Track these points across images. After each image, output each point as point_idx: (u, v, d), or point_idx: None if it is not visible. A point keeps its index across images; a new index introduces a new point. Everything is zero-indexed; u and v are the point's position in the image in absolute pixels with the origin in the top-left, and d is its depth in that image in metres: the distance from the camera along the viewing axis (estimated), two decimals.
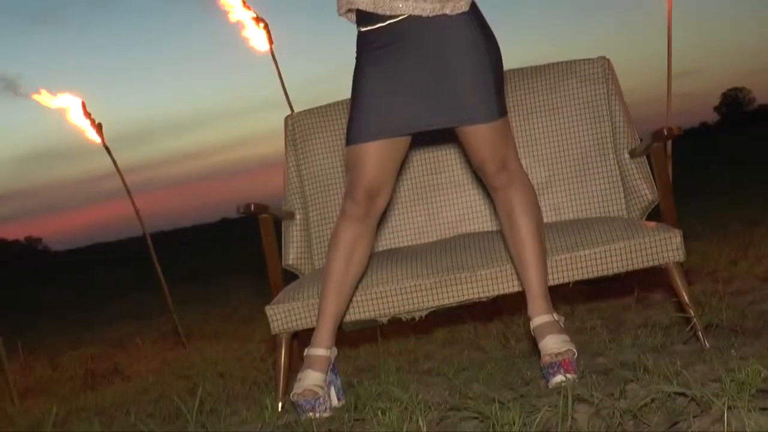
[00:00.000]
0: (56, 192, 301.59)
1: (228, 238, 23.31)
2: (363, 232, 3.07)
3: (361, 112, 2.97)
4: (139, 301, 10.52)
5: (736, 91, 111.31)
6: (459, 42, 2.89)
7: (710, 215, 8.13)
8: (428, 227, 3.89)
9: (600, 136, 3.80)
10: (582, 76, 3.86)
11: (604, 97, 3.83)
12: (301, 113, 4.10)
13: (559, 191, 3.81)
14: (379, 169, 2.98)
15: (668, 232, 3.22)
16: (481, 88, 2.89)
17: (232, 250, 18.51)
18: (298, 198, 4.04)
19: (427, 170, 3.90)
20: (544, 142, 3.84)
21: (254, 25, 5.25)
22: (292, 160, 4.05)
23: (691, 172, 14.28)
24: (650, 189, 3.72)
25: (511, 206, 3.02)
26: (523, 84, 3.88)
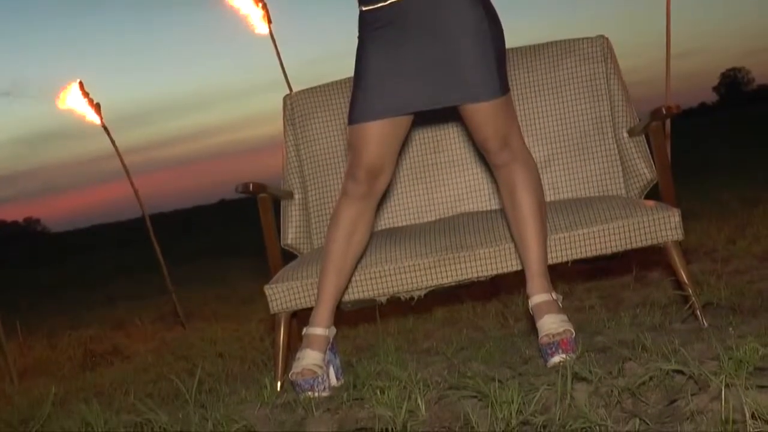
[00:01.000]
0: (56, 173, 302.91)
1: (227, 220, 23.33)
2: (364, 211, 3.06)
3: (364, 92, 2.96)
4: (138, 282, 10.53)
5: (735, 72, 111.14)
6: (461, 19, 2.88)
7: (709, 194, 8.13)
8: (427, 206, 3.89)
9: (599, 115, 3.80)
10: (581, 54, 3.85)
11: (602, 76, 3.82)
12: (300, 92, 4.09)
13: (558, 170, 3.80)
14: (381, 149, 2.97)
15: (667, 211, 3.22)
16: (483, 65, 2.88)
17: (231, 231, 18.52)
18: (296, 177, 4.03)
19: (426, 149, 3.90)
20: (542, 121, 3.83)
21: (253, 5, 5.24)
22: (290, 140, 4.04)
23: (690, 152, 14.27)
24: (649, 168, 3.72)
25: (514, 184, 3.02)
26: (522, 63, 3.87)
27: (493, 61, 2.90)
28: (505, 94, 2.95)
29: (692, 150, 15.07)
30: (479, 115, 2.93)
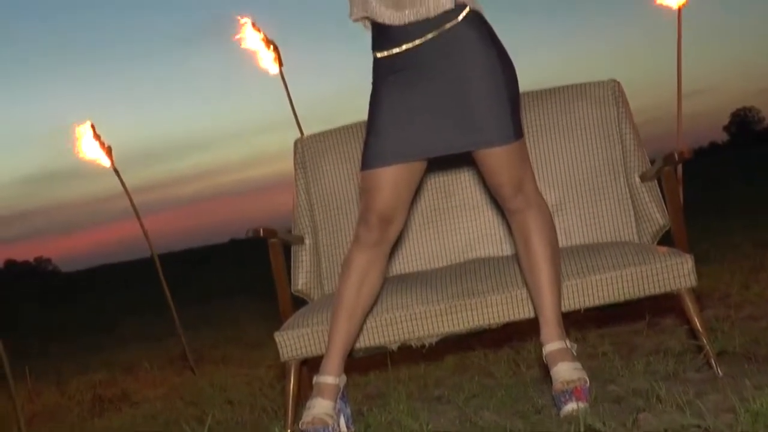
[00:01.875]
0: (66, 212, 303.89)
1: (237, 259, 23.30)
2: (376, 258, 3.04)
3: (377, 137, 2.95)
4: (148, 323, 10.50)
5: (746, 111, 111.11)
6: (475, 65, 2.87)
7: (721, 237, 8.08)
8: (439, 252, 3.86)
9: (611, 159, 3.78)
10: (593, 98, 3.84)
11: (614, 120, 3.80)
12: (311, 137, 4.08)
13: (570, 214, 3.78)
14: (394, 195, 2.96)
15: (680, 257, 3.20)
16: (497, 110, 2.87)
17: (241, 271, 18.50)
18: (307, 222, 4.02)
19: (437, 194, 3.88)
20: (554, 165, 3.82)
21: (264, 47, 5.25)
22: (301, 184, 4.03)
23: (702, 193, 14.23)
24: (661, 213, 3.69)
25: (527, 230, 3.00)
26: (534, 106, 3.86)
27: (507, 106, 2.89)
28: (519, 139, 2.93)
29: (703, 191, 15.04)
30: (493, 160, 2.92)
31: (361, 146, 3.08)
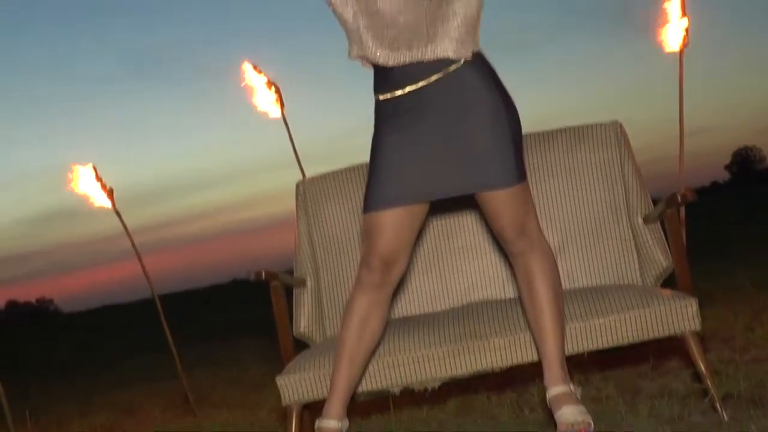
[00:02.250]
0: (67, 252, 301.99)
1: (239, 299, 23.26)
2: (378, 301, 3.02)
3: (379, 180, 2.94)
4: (149, 364, 10.45)
5: (747, 150, 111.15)
6: (478, 107, 2.85)
7: (723, 277, 8.05)
8: (441, 294, 3.85)
9: (613, 201, 3.78)
10: (595, 140, 3.84)
11: (617, 162, 3.80)
12: (312, 179, 4.08)
13: (573, 256, 3.77)
14: (396, 238, 2.94)
15: (684, 300, 3.18)
16: (500, 153, 2.86)
17: (243, 311, 18.44)
18: (309, 265, 4.01)
19: (439, 236, 3.87)
20: (557, 207, 3.81)
21: (266, 89, 5.25)
22: (303, 227, 4.02)
23: (703, 232, 14.21)
24: (665, 255, 3.68)
25: (531, 273, 2.98)
26: (536, 148, 3.86)
27: (511, 148, 2.88)
28: (522, 182, 2.92)
29: (705, 230, 15.01)
30: (496, 203, 2.91)
31: (363, 188, 3.07)
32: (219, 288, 51.87)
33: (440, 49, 2.83)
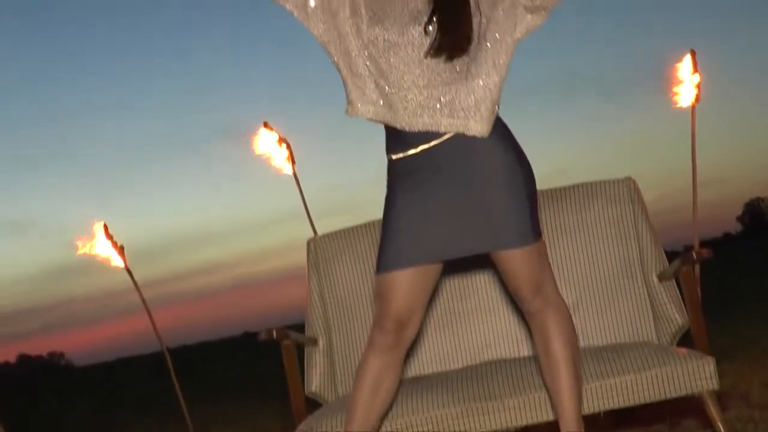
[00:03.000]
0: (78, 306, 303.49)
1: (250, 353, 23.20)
2: (391, 362, 2.97)
3: (392, 239, 2.90)
4: (161, 421, 10.39)
5: (759, 201, 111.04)
6: (492, 165, 2.83)
7: (738, 332, 8.00)
8: (454, 353, 3.81)
9: (628, 259, 3.75)
10: (608, 197, 3.81)
11: (630, 219, 3.78)
12: (324, 236, 4.06)
13: (587, 314, 3.74)
14: (410, 299, 2.90)
15: (701, 360, 3.14)
16: (515, 211, 2.83)
17: (255, 365, 18.39)
18: (321, 323, 3.97)
19: (452, 295, 3.84)
20: (570, 264, 3.78)
21: (277, 146, 5.25)
22: (314, 284, 4.00)
23: (715, 285, 14.14)
24: (680, 313, 3.64)
25: (547, 332, 2.94)
26: (549, 205, 3.84)
27: (525, 206, 2.85)
28: (538, 240, 2.89)
29: (718, 283, 14.94)
30: (511, 262, 2.87)
31: (375, 246, 3.05)
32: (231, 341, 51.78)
33: (460, 125, 2.81)
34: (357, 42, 2.89)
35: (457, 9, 2.80)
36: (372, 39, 2.85)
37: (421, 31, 2.79)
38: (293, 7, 2.92)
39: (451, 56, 2.79)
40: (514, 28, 2.82)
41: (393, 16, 2.84)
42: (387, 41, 2.82)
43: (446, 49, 2.78)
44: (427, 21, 2.79)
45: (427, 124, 2.82)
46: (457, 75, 2.80)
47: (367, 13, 2.88)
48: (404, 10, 2.84)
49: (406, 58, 2.81)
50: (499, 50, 2.82)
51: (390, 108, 2.86)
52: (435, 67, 2.79)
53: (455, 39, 2.78)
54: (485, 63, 2.82)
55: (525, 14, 2.81)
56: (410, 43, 2.80)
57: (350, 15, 2.90)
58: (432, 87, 2.81)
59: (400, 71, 2.82)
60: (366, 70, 2.89)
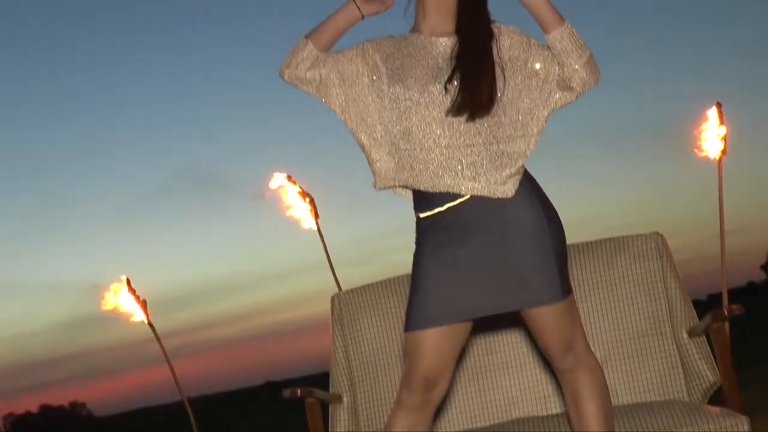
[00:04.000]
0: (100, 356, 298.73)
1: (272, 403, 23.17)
2: (419, 422, 2.91)
3: (421, 298, 2.85)
4: None
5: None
6: (519, 221, 2.79)
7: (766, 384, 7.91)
8: (481, 410, 3.76)
9: (656, 315, 3.70)
10: (635, 252, 3.77)
11: (659, 274, 3.73)
12: (348, 292, 4.03)
13: (616, 372, 3.68)
14: (438, 358, 2.85)
15: (734, 418, 3.09)
16: (544, 267, 2.78)
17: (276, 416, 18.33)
18: (345, 380, 3.93)
19: (479, 351, 3.80)
20: (597, 321, 3.74)
21: (301, 200, 5.22)
22: (338, 341, 3.96)
23: (743, 336, 14.01)
24: (711, 370, 3.58)
25: (578, 390, 2.88)
26: (575, 260, 3.80)
27: (554, 262, 2.81)
28: (568, 297, 2.84)
29: (742, 333, 14.80)
30: (541, 319, 2.83)
31: (400, 302, 3.02)
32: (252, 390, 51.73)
33: (483, 188, 2.78)
34: (378, 105, 2.88)
35: (478, 66, 2.78)
36: (393, 98, 2.84)
37: (441, 89, 2.78)
38: (311, 89, 2.92)
39: (474, 115, 2.76)
40: (547, 101, 2.82)
41: (414, 75, 2.83)
42: (408, 100, 2.81)
43: (468, 107, 2.76)
44: (448, 78, 2.78)
45: (449, 186, 2.79)
46: (481, 138, 2.78)
47: (387, 73, 2.87)
48: (425, 68, 2.83)
49: (428, 117, 2.79)
50: (530, 121, 2.81)
51: (412, 170, 2.83)
52: (457, 128, 2.77)
53: (477, 97, 2.76)
54: (514, 131, 2.80)
55: (558, 90, 2.81)
56: (431, 101, 2.78)
57: (369, 81, 2.89)
58: (453, 148, 2.78)
59: (422, 131, 2.80)
60: (387, 133, 2.87)
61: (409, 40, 2.90)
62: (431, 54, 2.85)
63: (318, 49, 2.88)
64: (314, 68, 2.89)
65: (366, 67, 2.90)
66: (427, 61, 2.84)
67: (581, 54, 2.74)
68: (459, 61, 2.80)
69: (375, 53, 2.91)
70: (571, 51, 2.74)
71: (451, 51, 2.83)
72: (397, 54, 2.89)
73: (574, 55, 2.74)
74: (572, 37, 2.74)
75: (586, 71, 2.75)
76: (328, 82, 2.90)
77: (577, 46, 2.74)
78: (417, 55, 2.86)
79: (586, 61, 2.74)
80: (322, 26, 2.91)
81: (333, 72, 2.90)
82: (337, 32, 2.92)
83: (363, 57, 2.92)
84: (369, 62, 2.91)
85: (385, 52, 2.91)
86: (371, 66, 2.90)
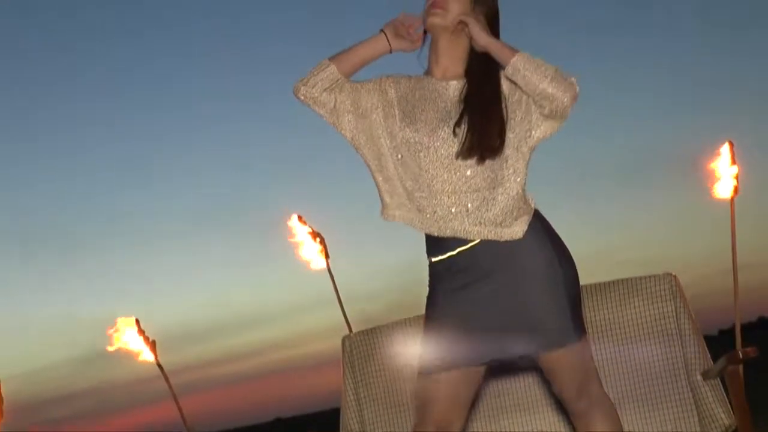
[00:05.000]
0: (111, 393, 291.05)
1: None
2: None
3: (434, 341, 2.83)
4: None
5: None
6: (531, 264, 2.77)
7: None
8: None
9: (670, 357, 3.66)
10: (648, 293, 3.74)
11: (672, 316, 3.69)
12: (359, 334, 4.00)
13: (629, 415, 3.64)
14: (452, 403, 2.82)
15: None
16: (557, 310, 2.77)
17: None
18: (356, 422, 3.90)
19: (491, 391, 3.77)
20: (610, 363, 3.70)
21: (311, 239, 5.20)
22: (349, 383, 3.93)
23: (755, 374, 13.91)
24: (726, 413, 3.54)
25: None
26: (588, 302, 3.76)
27: (567, 304, 2.78)
28: (581, 340, 2.82)
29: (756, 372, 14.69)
30: (554, 362, 2.81)
31: (411, 345, 2.98)
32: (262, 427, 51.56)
33: (489, 232, 2.78)
34: (389, 144, 2.87)
35: (486, 109, 2.77)
36: (404, 141, 2.83)
37: (450, 133, 2.76)
38: (324, 111, 2.89)
39: (483, 158, 2.76)
40: (530, 133, 2.79)
41: (424, 118, 2.82)
42: (418, 143, 2.80)
43: (477, 150, 2.75)
44: (456, 122, 2.77)
45: (456, 231, 2.78)
46: (485, 183, 2.77)
47: (400, 114, 2.86)
48: (436, 111, 2.82)
49: (436, 161, 2.78)
50: (517, 156, 2.80)
51: (420, 213, 2.83)
52: (464, 172, 2.77)
53: (487, 140, 2.74)
54: (506, 170, 2.79)
55: (539, 121, 2.77)
56: (440, 145, 2.77)
57: (383, 117, 2.88)
58: (460, 193, 2.77)
59: (430, 174, 2.79)
60: (396, 173, 2.86)
61: (422, 82, 2.90)
62: (442, 97, 2.84)
63: (339, 73, 2.85)
64: (331, 91, 2.85)
65: (381, 102, 2.89)
66: (437, 104, 2.84)
67: (544, 72, 2.68)
68: (467, 103, 2.79)
69: (392, 90, 2.91)
70: (531, 74, 2.68)
71: (460, 94, 2.83)
72: (410, 96, 2.88)
73: (536, 76, 2.68)
74: (528, 62, 2.70)
75: (554, 88, 2.67)
76: (342, 108, 2.87)
77: (536, 67, 2.69)
78: (429, 98, 2.85)
79: (552, 77, 2.67)
80: (349, 52, 2.89)
81: (348, 99, 2.88)
82: (363, 61, 2.90)
83: (380, 92, 2.90)
84: (385, 98, 2.90)
85: (401, 92, 2.90)
86: (387, 102, 2.89)
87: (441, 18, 2.81)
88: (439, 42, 2.87)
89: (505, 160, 2.79)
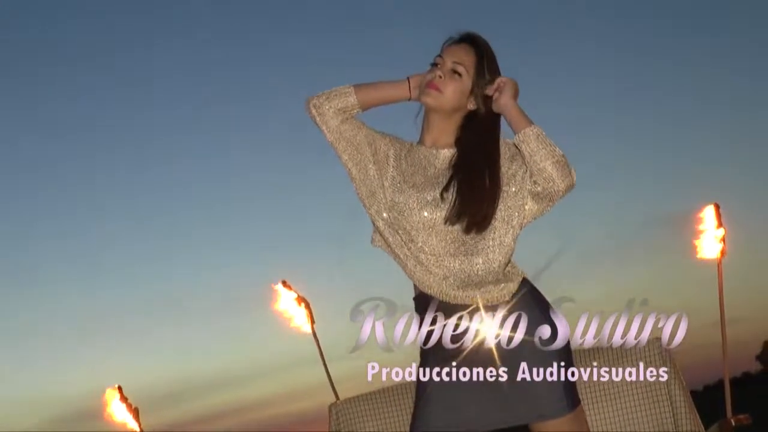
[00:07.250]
0: None
1: None
2: None
3: (425, 410, 2.79)
4: None
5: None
6: (520, 333, 2.74)
7: None
8: None
9: (660, 424, 3.63)
10: (638, 358, 3.70)
11: (663, 381, 3.66)
12: (346, 401, 3.97)
13: None
14: None
15: None
16: (549, 381, 2.73)
17: None
18: None
19: None
20: (602, 429, 3.66)
21: (296, 305, 5.16)
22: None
23: None
24: None
25: None
26: (578, 366, 3.72)
27: (560, 375, 2.75)
28: (575, 409, 2.78)
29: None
30: None
31: (398, 411, 2.96)
32: None
33: (467, 297, 2.75)
34: (383, 198, 2.83)
35: (474, 175, 2.76)
36: (395, 202, 2.80)
37: (437, 197, 2.75)
38: (326, 129, 2.82)
39: (468, 229, 2.74)
40: (522, 210, 2.77)
41: (414, 183, 2.80)
42: (406, 204, 2.78)
43: (465, 216, 2.73)
44: (444, 187, 2.75)
45: (435, 292, 2.76)
46: (464, 248, 2.75)
47: (393, 174, 2.84)
48: (425, 176, 2.81)
49: (420, 223, 2.76)
50: (506, 228, 2.77)
51: (406, 267, 2.80)
52: (446, 236, 2.75)
53: (473, 206, 2.73)
54: (491, 240, 2.76)
55: (530, 200, 2.77)
56: (428, 210, 2.75)
57: (376, 170, 2.85)
58: (446, 255, 2.76)
59: (419, 234, 2.77)
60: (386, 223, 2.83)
61: (414, 150, 2.88)
62: (433, 164, 2.83)
63: (357, 101, 2.82)
64: (341, 116, 2.81)
65: (381, 153, 2.86)
66: (427, 170, 2.82)
67: (552, 151, 2.69)
68: (456, 169, 2.78)
69: (391, 149, 2.87)
70: (537, 149, 2.68)
71: (449, 161, 2.81)
72: (403, 161, 2.86)
73: (543, 152, 2.68)
74: (539, 137, 2.70)
75: (555, 170, 2.68)
76: (344, 140, 2.82)
77: (546, 144, 2.69)
78: (419, 164, 2.84)
79: (556, 160, 2.68)
80: (372, 88, 2.87)
81: (354, 136, 2.83)
82: (382, 99, 2.88)
83: (382, 142, 2.87)
84: (382, 155, 2.87)
85: (398, 154, 2.87)
86: (383, 159, 2.86)
87: (434, 99, 2.81)
88: (431, 115, 2.86)
89: (491, 231, 2.76)
